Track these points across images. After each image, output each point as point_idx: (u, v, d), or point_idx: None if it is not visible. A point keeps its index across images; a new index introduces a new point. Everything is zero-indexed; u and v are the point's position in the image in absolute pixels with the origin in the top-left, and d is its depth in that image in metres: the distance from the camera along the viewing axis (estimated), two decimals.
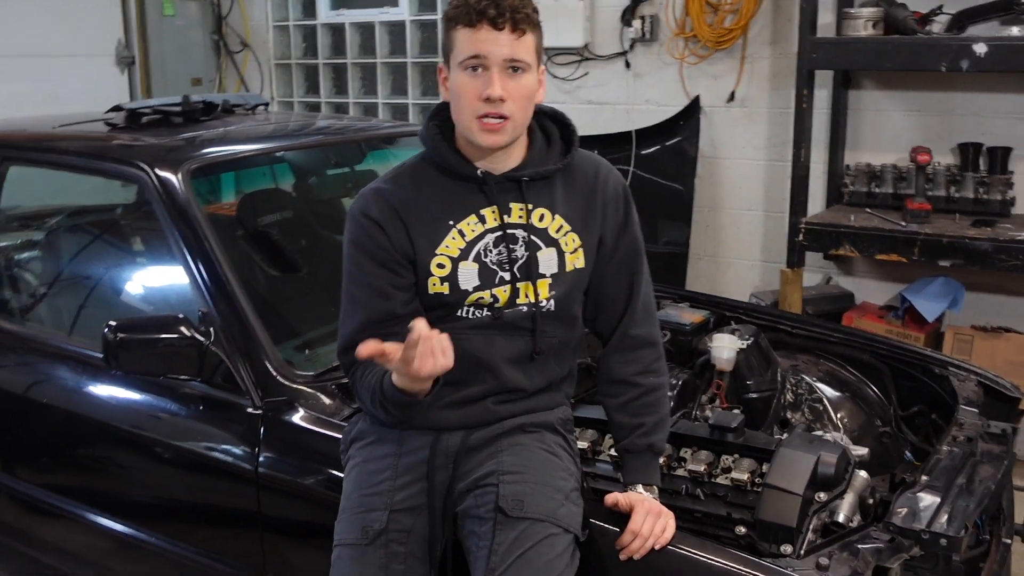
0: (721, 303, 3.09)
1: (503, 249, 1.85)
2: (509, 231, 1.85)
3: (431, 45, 5.89)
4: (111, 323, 2.20)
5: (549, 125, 1.94)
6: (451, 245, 1.84)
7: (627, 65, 5.07)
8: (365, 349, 1.65)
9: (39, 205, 3.46)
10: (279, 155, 3.22)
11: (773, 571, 1.74)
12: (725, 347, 2.51)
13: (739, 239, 4.97)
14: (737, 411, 2.35)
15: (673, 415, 2.34)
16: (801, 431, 2.32)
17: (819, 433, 2.38)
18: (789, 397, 2.62)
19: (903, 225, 4.02)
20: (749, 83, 4.78)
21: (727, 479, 2.03)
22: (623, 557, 1.81)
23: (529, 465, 1.86)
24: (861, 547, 1.81)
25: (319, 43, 6.32)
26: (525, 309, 1.87)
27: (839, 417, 2.59)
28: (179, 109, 3.04)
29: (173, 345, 2.22)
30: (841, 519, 1.93)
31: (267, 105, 3.49)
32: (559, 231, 1.89)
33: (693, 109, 4.81)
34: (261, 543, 2.24)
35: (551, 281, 1.88)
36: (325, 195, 3.38)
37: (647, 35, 4.94)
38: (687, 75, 4.90)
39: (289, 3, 6.39)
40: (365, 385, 1.84)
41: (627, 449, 1.96)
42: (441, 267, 1.84)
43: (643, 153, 4.92)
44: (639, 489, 1.92)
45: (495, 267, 1.85)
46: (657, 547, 1.80)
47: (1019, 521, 2.46)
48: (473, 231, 1.85)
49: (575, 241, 1.90)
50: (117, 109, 3.07)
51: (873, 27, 4.09)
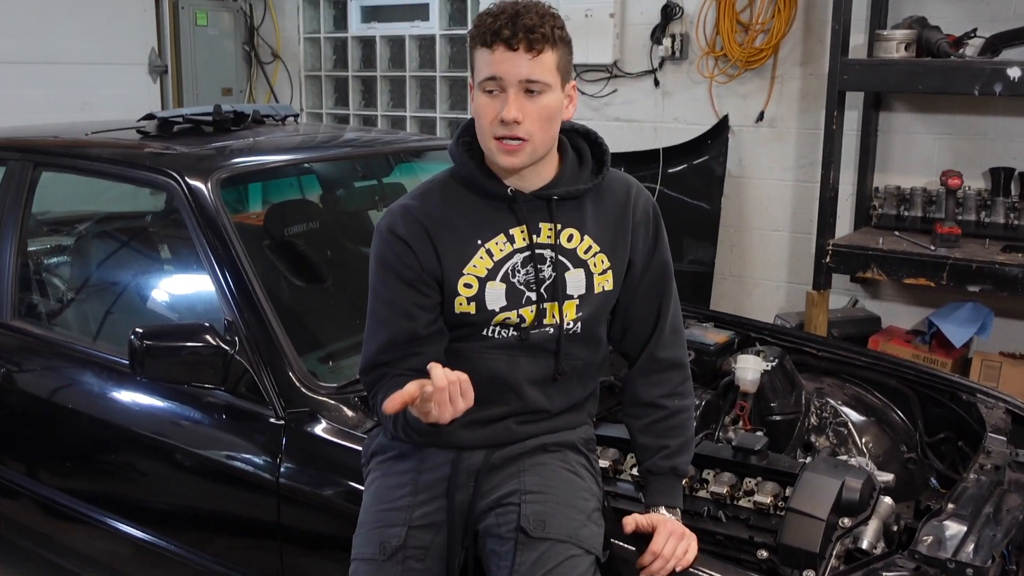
0: (746, 324, 3.07)
1: (531, 269, 1.83)
2: (537, 251, 1.84)
3: (460, 59, 5.92)
4: (137, 330, 2.21)
5: (581, 144, 1.92)
6: (479, 265, 1.82)
7: (656, 83, 5.07)
8: (391, 406, 1.65)
9: (70, 211, 3.50)
10: (307, 166, 3.24)
11: None
12: (749, 368, 2.50)
13: (765, 259, 4.95)
14: (761, 433, 2.33)
15: (696, 436, 2.31)
16: (826, 455, 2.30)
17: (844, 458, 2.35)
18: (813, 420, 2.60)
19: (932, 249, 3.99)
20: (778, 103, 4.76)
21: (750, 502, 2.01)
22: None
23: (551, 485, 1.84)
24: (885, 575, 1.79)
25: (349, 55, 6.36)
26: (551, 331, 1.85)
27: (864, 442, 2.56)
28: (210, 119, 3.06)
29: (198, 353, 2.23)
30: (865, 545, 1.90)
31: (297, 116, 3.51)
32: (588, 252, 1.87)
33: (721, 128, 4.80)
34: (280, 554, 2.24)
35: (578, 303, 1.87)
36: (352, 207, 3.40)
37: (677, 53, 4.94)
38: (716, 94, 4.89)
39: (321, 15, 6.44)
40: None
41: (650, 471, 1.94)
42: (468, 287, 1.82)
43: (670, 171, 4.91)
44: (661, 511, 1.90)
45: (522, 287, 1.84)
46: (679, 569, 1.79)
47: None
48: (501, 251, 1.83)
49: (604, 263, 1.88)
50: (149, 117, 3.10)
51: (905, 49, 4.06)
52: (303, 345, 2.42)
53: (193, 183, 2.51)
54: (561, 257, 1.85)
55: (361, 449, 2.04)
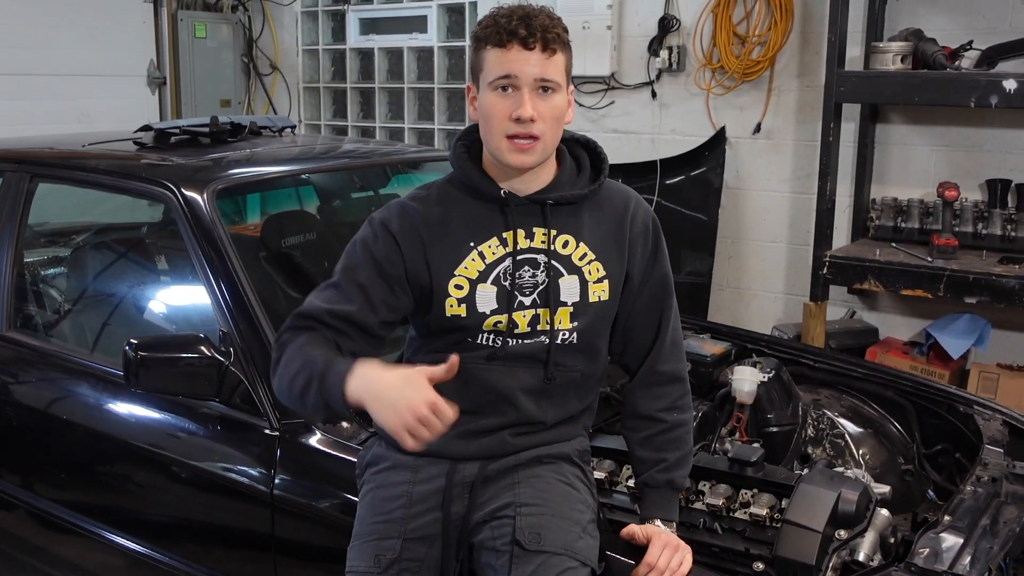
0: (743, 335, 3.07)
1: (523, 273, 1.84)
2: (529, 255, 1.84)
3: (459, 71, 5.93)
4: (132, 341, 2.20)
5: (580, 152, 1.93)
6: (470, 267, 1.83)
7: (653, 95, 5.08)
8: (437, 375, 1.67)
9: (67, 222, 3.50)
10: (304, 177, 3.24)
11: None
12: (746, 380, 2.49)
13: (763, 271, 4.95)
14: (757, 445, 2.32)
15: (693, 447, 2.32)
16: (822, 467, 2.29)
17: (840, 469, 2.34)
18: (810, 432, 2.59)
19: (929, 261, 3.99)
20: (775, 115, 4.77)
21: (746, 514, 2.01)
22: None
23: (546, 497, 1.84)
24: None
25: (348, 67, 6.37)
26: (544, 339, 1.85)
27: (861, 454, 2.56)
28: (207, 130, 3.06)
29: (193, 365, 2.22)
30: (861, 558, 1.90)
31: (294, 128, 3.51)
32: (583, 259, 1.86)
33: (719, 140, 4.81)
34: (274, 566, 2.23)
35: (572, 311, 1.86)
36: (349, 218, 3.39)
37: (674, 65, 4.95)
38: (713, 106, 4.90)
39: (319, 27, 6.46)
40: (304, 355, 1.77)
41: (647, 483, 1.93)
42: (459, 288, 1.82)
43: (668, 183, 4.91)
44: (657, 523, 1.89)
45: (514, 292, 1.83)
46: None
47: None
48: (494, 254, 1.84)
49: (599, 271, 1.87)
50: (146, 129, 3.10)
51: (902, 61, 4.07)
52: None
53: (189, 194, 2.51)
54: (555, 262, 1.85)
55: (355, 460, 2.03)
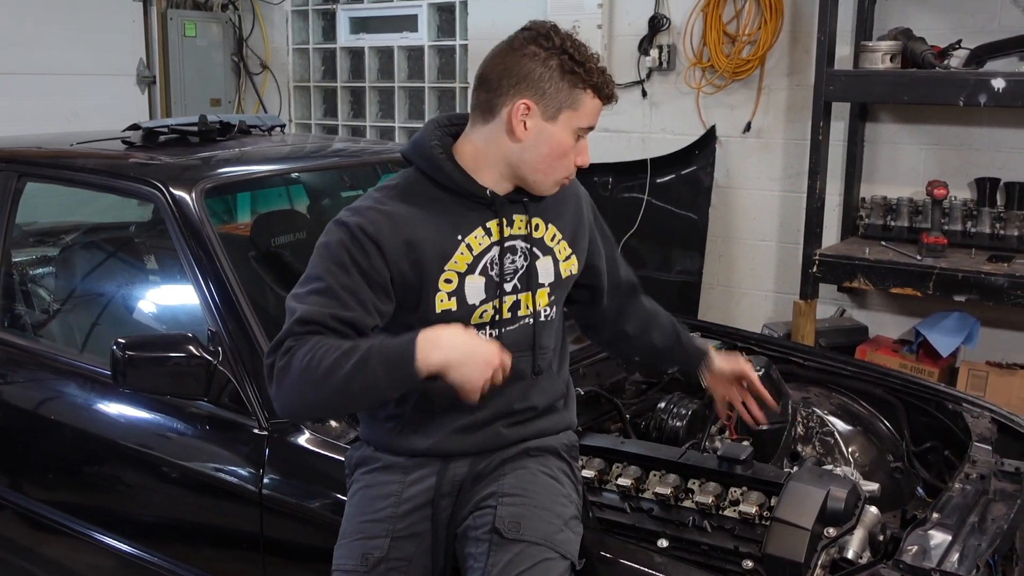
0: (733, 334, 3.08)
1: (506, 260, 1.87)
2: (510, 242, 1.88)
3: (449, 70, 5.92)
4: (119, 341, 2.20)
5: None
6: (459, 260, 1.83)
7: (643, 94, 5.08)
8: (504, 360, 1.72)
9: (55, 221, 3.48)
10: (294, 176, 3.23)
11: None
12: None
13: (753, 269, 4.95)
14: (746, 443, 2.32)
15: (682, 445, 2.32)
16: (811, 465, 2.30)
17: (829, 467, 2.35)
18: (800, 430, 2.60)
19: (918, 259, 4.00)
20: (765, 114, 4.78)
21: (735, 512, 2.01)
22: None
23: (530, 489, 1.85)
24: None
25: (338, 66, 6.36)
26: (530, 322, 1.90)
27: (850, 451, 2.57)
28: (195, 129, 3.05)
29: (181, 364, 2.22)
30: (850, 555, 1.90)
31: (284, 127, 3.50)
32: (553, 239, 1.94)
33: (709, 139, 4.81)
34: (263, 565, 2.23)
35: (548, 290, 1.93)
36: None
37: (664, 64, 4.95)
38: (703, 105, 4.91)
39: (309, 26, 6.45)
40: (337, 347, 1.68)
41: (684, 347, 2.27)
42: (448, 282, 1.83)
43: (658, 182, 4.91)
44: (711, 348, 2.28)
45: (499, 279, 1.86)
46: None
47: None
48: (480, 244, 1.85)
49: (567, 249, 1.97)
50: (134, 128, 3.09)
51: (891, 60, 4.08)
52: None
53: (177, 193, 2.50)
54: (532, 247, 1.90)
55: (343, 460, 2.03)
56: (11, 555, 2.85)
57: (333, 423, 2.21)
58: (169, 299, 2.93)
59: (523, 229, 1.89)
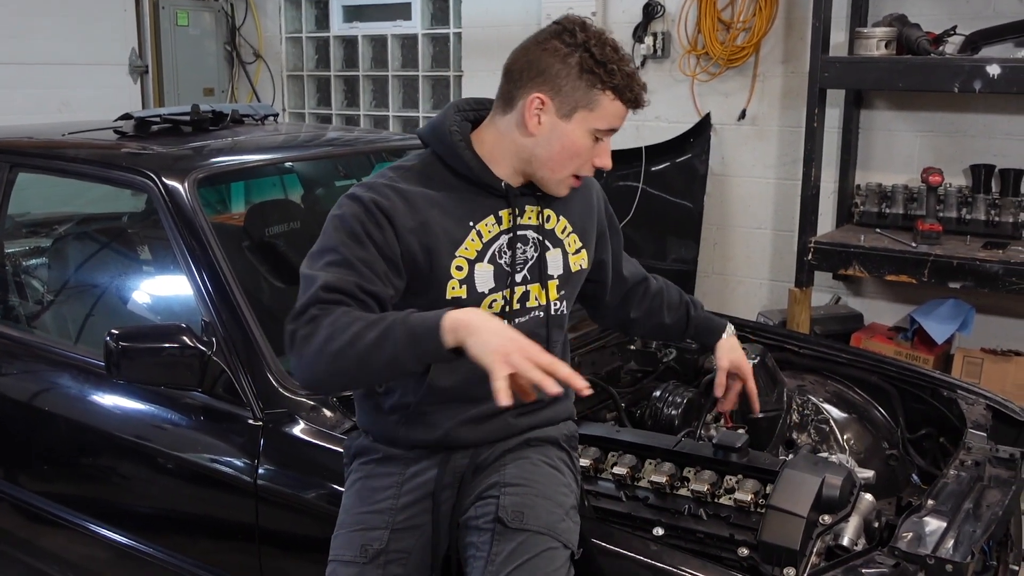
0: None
1: (515, 250, 1.86)
2: (521, 232, 1.87)
3: (443, 59, 5.90)
4: (113, 331, 2.19)
5: None
6: (470, 247, 1.82)
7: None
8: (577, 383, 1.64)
9: (48, 212, 3.47)
10: (288, 166, 3.22)
11: None
12: None
13: (748, 257, 4.95)
14: (742, 431, 2.32)
15: (677, 434, 2.32)
16: (806, 452, 2.29)
17: (825, 455, 2.35)
18: (795, 418, 2.60)
19: (913, 246, 4.00)
20: (760, 101, 4.77)
21: (731, 500, 2.01)
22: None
23: (532, 478, 1.85)
24: (865, 571, 1.79)
25: (331, 55, 6.34)
26: (540, 315, 1.90)
27: (845, 439, 2.57)
28: (188, 118, 3.04)
29: (175, 355, 2.21)
30: (845, 542, 1.90)
31: (276, 116, 3.48)
32: (563, 232, 1.95)
33: (704, 126, 4.80)
34: (258, 556, 2.23)
35: (558, 283, 1.93)
36: (333, 206, 3.37)
37: (659, 52, 4.94)
38: (698, 92, 4.90)
39: (303, 15, 6.42)
40: (364, 317, 1.65)
41: (692, 320, 2.30)
42: (459, 269, 1.82)
43: (653, 170, 4.91)
44: (728, 333, 2.29)
45: (508, 268, 1.86)
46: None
47: None
48: (490, 232, 1.84)
49: (577, 242, 1.97)
50: (127, 117, 3.08)
51: (886, 47, 4.07)
52: (282, 345, 2.39)
53: (170, 183, 2.49)
54: (543, 238, 1.90)
55: (339, 449, 2.03)
56: (7, 547, 2.84)
57: (327, 413, 2.21)
58: (162, 290, 2.92)
59: (535, 219, 1.89)
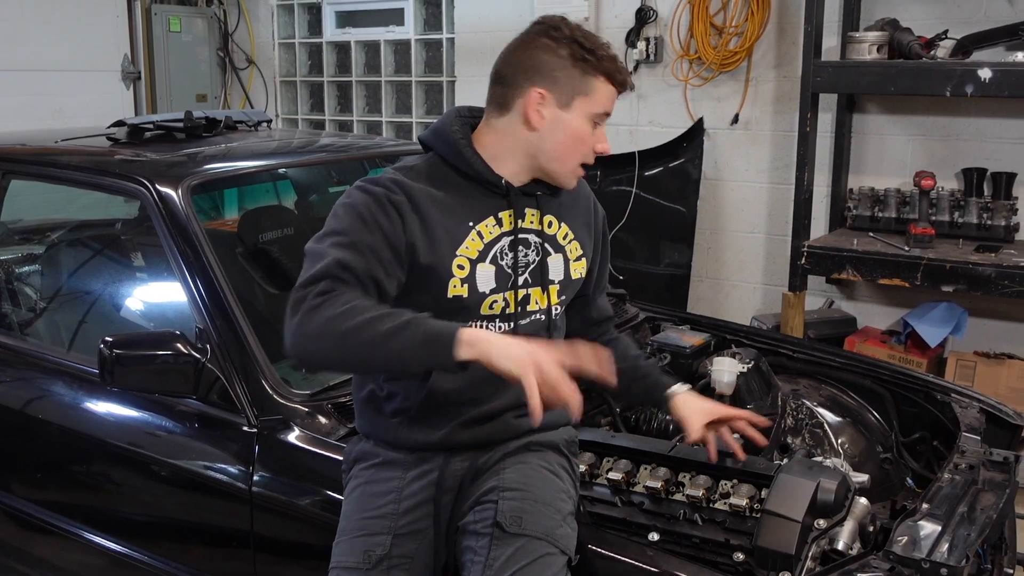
0: (722, 326, 3.08)
1: (517, 252, 1.88)
2: (522, 235, 1.89)
3: (436, 64, 5.91)
4: (107, 339, 2.18)
5: None
6: (470, 246, 1.84)
7: (631, 86, 5.05)
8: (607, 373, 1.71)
9: (41, 219, 3.46)
10: (281, 172, 3.21)
11: None
12: (725, 370, 2.49)
13: (741, 262, 4.96)
14: (736, 435, 2.32)
15: (672, 439, 2.32)
16: (801, 457, 2.29)
17: (819, 459, 2.35)
18: (789, 422, 2.60)
19: (906, 250, 4.01)
20: (753, 105, 4.78)
21: (725, 504, 2.01)
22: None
23: (530, 483, 1.85)
24: (860, 575, 1.79)
25: (324, 61, 6.34)
26: (542, 318, 1.91)
27: (840, 443, 2.57)
28: (181, 125, 3.03)
29: (169, 362, 2.21)
30: (840, 547, 1.90)
31: (270, 122, 3.48)
32: (565, 238, 1.97)
33: (696, 131, 4.81)
34: (253, 563, 2.22)
35: (558, 288, 1.95)
36: (327, 213, 3.35)
37: (651, 57, 4.95)
38: (691, 97, 4.91)
39: (295, 21, 6.42)
40: (377, 306, 1.67)
41: (644, 372, 2.15)
42: (461, 268, 1.83)
43: (646, 174, 4.91)
44: (682, 388, 2.11)
45: (509, 270, 1.87)
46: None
47: (1022, 550, 2.44)
48: (491, 233, 1.86)
49: (578, 250, 1.99)
50: (120, 124, 3.07)
51: (877, 51, 4.09)
52: (276, 352, 2.39)
53: (163, 190, 2.49)
54: (544, 242, 1.92)
55: (337, 457, 2.03)
56: (1, 555, 2.83)
57: (322, 419, 2.21)
58: (156, 296, 2.91)
59: (536, 224, 1.91)
